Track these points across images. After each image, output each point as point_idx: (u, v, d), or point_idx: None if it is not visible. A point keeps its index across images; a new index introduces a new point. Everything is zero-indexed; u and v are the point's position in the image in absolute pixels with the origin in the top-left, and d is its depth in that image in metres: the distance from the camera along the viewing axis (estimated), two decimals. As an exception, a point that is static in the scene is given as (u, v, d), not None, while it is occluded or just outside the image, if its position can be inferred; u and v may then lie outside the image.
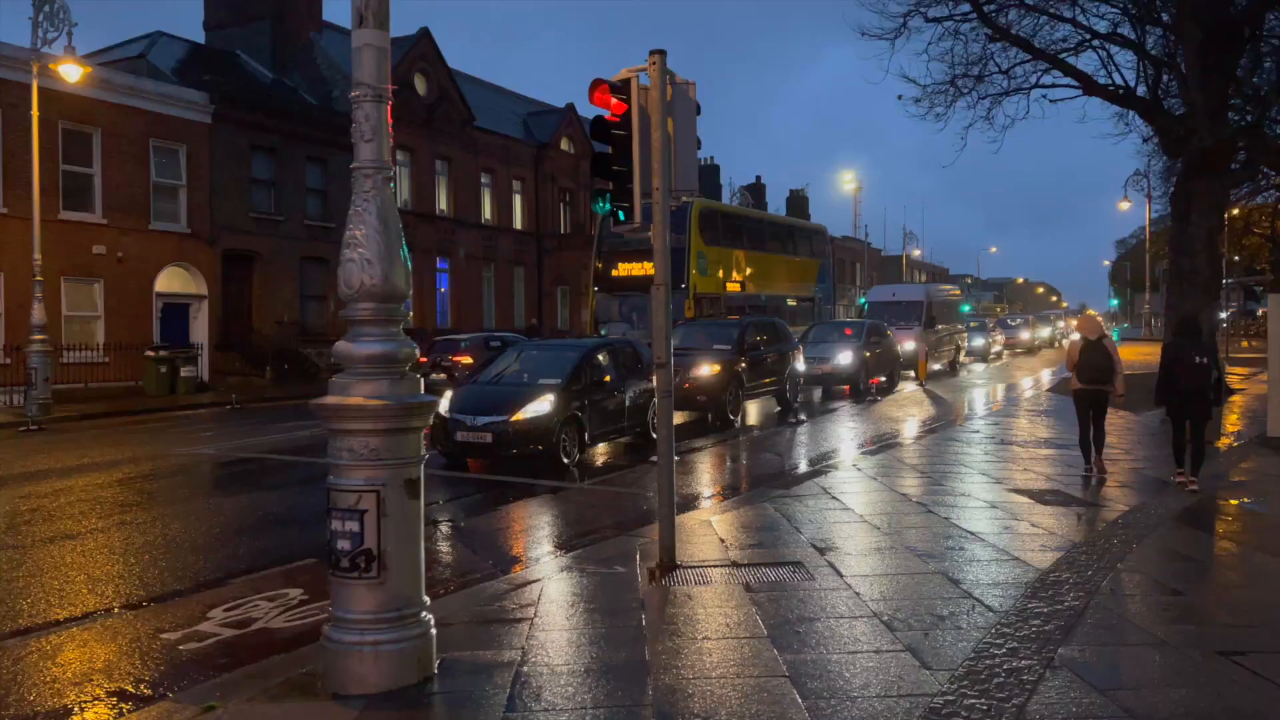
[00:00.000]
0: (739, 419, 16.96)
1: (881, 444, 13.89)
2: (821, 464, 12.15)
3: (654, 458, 12.26)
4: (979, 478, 10.64)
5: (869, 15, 38.74)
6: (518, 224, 42.64)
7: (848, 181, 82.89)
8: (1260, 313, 60.13)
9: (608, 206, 6.91)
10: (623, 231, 7.05)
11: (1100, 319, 12.53)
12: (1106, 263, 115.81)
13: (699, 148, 7.16)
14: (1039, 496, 9.43)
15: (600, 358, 13.44)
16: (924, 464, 11.63)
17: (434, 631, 4.74)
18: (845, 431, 16.03)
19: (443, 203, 38.33)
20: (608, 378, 13.21)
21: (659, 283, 6.80)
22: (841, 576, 6.41)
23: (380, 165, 4.71)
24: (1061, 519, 8.40)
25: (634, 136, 6.81)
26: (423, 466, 4.70)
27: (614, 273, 24.83)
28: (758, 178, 71.91)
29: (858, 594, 5.98)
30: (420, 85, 36.66)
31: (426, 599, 4.73)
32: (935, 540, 7.51)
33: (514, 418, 11.65)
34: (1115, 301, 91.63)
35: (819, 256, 34.71)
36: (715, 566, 6.80)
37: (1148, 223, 49.99)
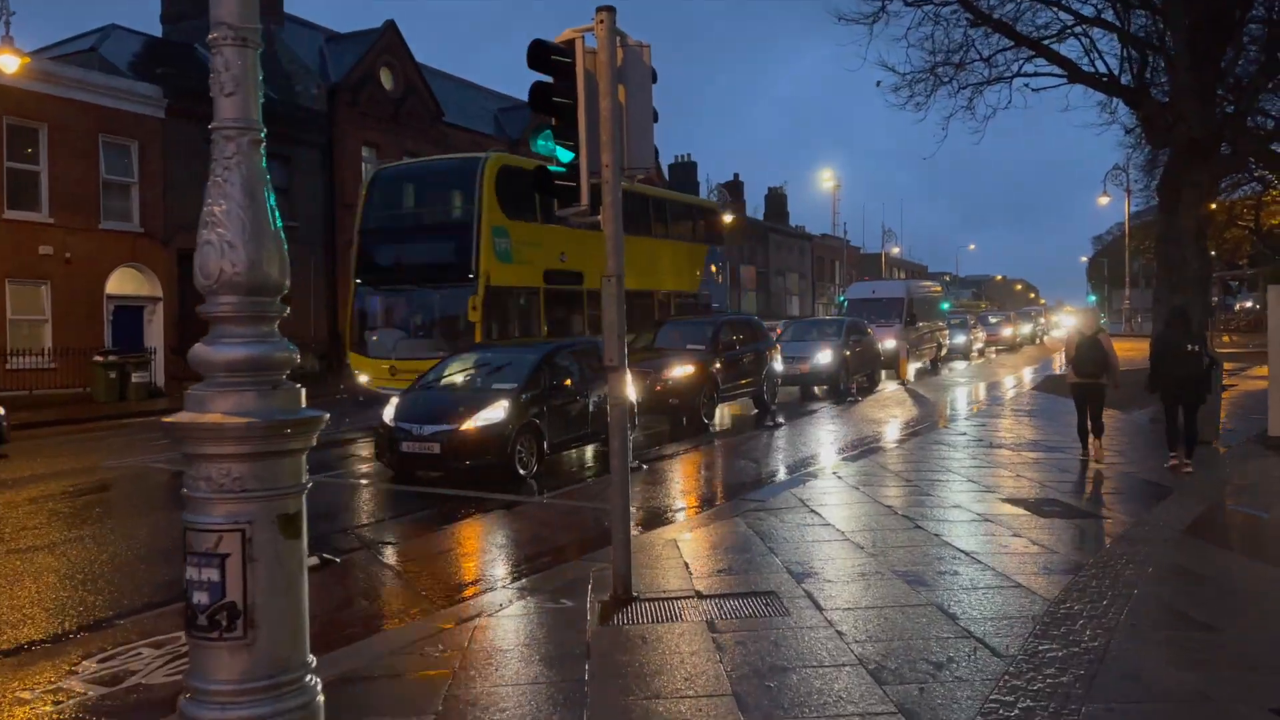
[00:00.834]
0: (714, 422, 16.12)
1: (863, 449, 13.09)
2: (800, 471, 11.33)
3: None
4: (968, 486, 9.84)
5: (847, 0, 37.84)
6: (489, 222, 41.64)
7: (827, 179, 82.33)
8: (1238, 307, 60.12)
9: (551, 144, 6.03)
10: (569, 215, 6.17)
11: (1098, 315, 12.49)
12: (1084, 259, 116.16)
13: (656, 120, 6.29)
14: (1035, 507, 8.64)
15: (562, 359, 12.46)
16: (909, 471, 10.82)
17: (321, 699, 3.84)
18: (825, 435, 15.23)
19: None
20: (569, 381, 12.23)
21: (611, 273, 5.94)
22: (821, 610, 5.56)
23: (246, 125, 3.83)
24: (1062, 534, 7.60)
25: (579, 106, 5.95)
26: (304, 497, 3.80)
27: (382, 261, 18.61)
28: (735, 175, 71.27)
29: (840, 633, 5.14)
30: (386, 79, 35.62)
31: (311, 659, 3.83)
32: (926, 562, 6.69)
33: (464, 426, 10.66)
34: (1093, 298, 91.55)
35: (707, 243, 26.71)
36: (677, 598, 5.94)
37: (1126, 217, 49.62)
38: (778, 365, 19.02)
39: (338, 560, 7.42)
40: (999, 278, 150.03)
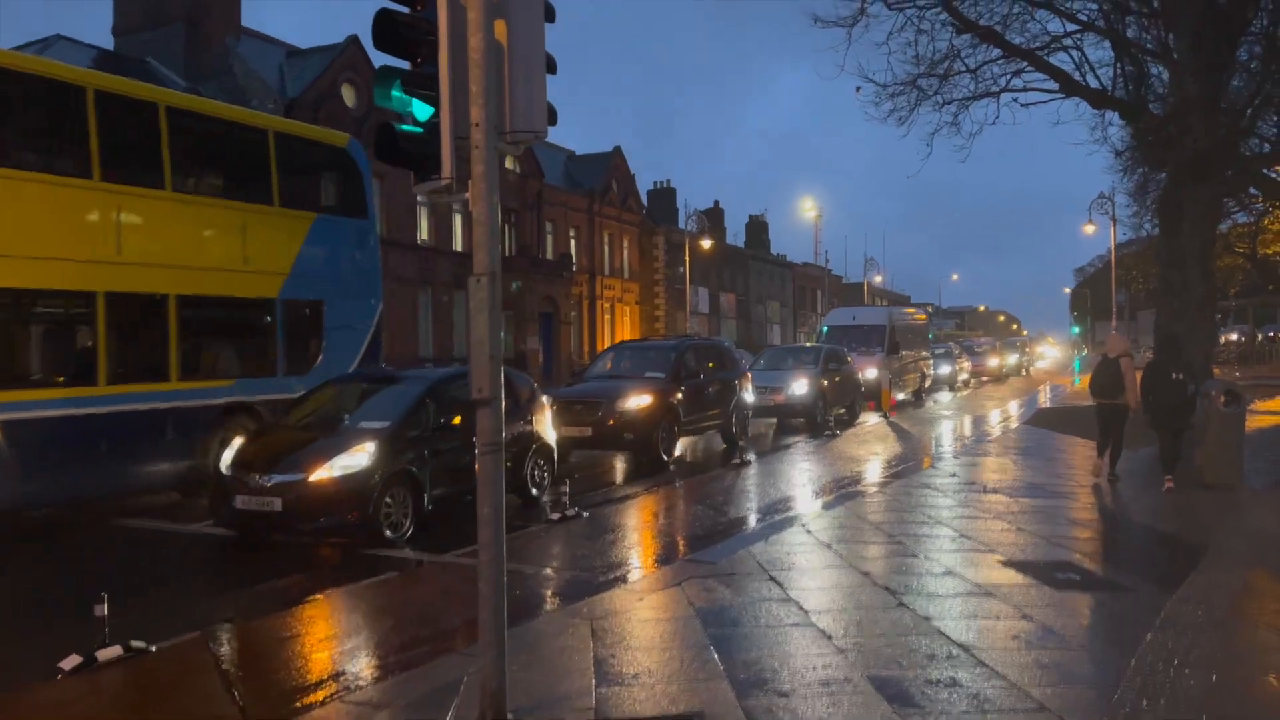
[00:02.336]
0: (674, 459, 14.47)
1: (840, 493, 11.47)
2: (765, 522, 9.69)
3: (546, 518, 9.81)
4: (961, 543, 8.22)
5: (823, 0, 36.55)
6: (458, 245, 40.09)
7: (808, 208, 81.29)
8: (1224, 339, 59.10)
9: (404, 96, 4.47)
10: (426, 190, 4.56)
11: (1126, 340, 12.38)
12: (1066, 290, 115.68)
13: (552, 71, 4.72)
14: (1044, 574, 7.03)
15: (456, 391, 9.86)
16: (891, 523, 9.20)
17: None
18: (798, 475, 13.60)
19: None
20: (459, 419, 9.58)
21: (482, 271, 4.33)
22: (766, 752, 3.91)
23: None
24: (1085, 616, 6.00)
25: (441, 43, 4.37)
26: None
27: None
28: (715, 202, 70.10)
29: (788, 798, 3.49)
30: (349, 96, 34.14)
31: None
32: (912, 663, 5.05)
33: (314, 476, 8.41)
34: (1076, 329, 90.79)
35: (327, 210, 13.97)
36: (569, 724, 4.27)
37: (1113, 246, 48.54)
38: (748, 396, 17.34)
39: (152, 649, 5.71)
40: (982, 308, 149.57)
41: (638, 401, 13.91)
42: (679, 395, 14.72)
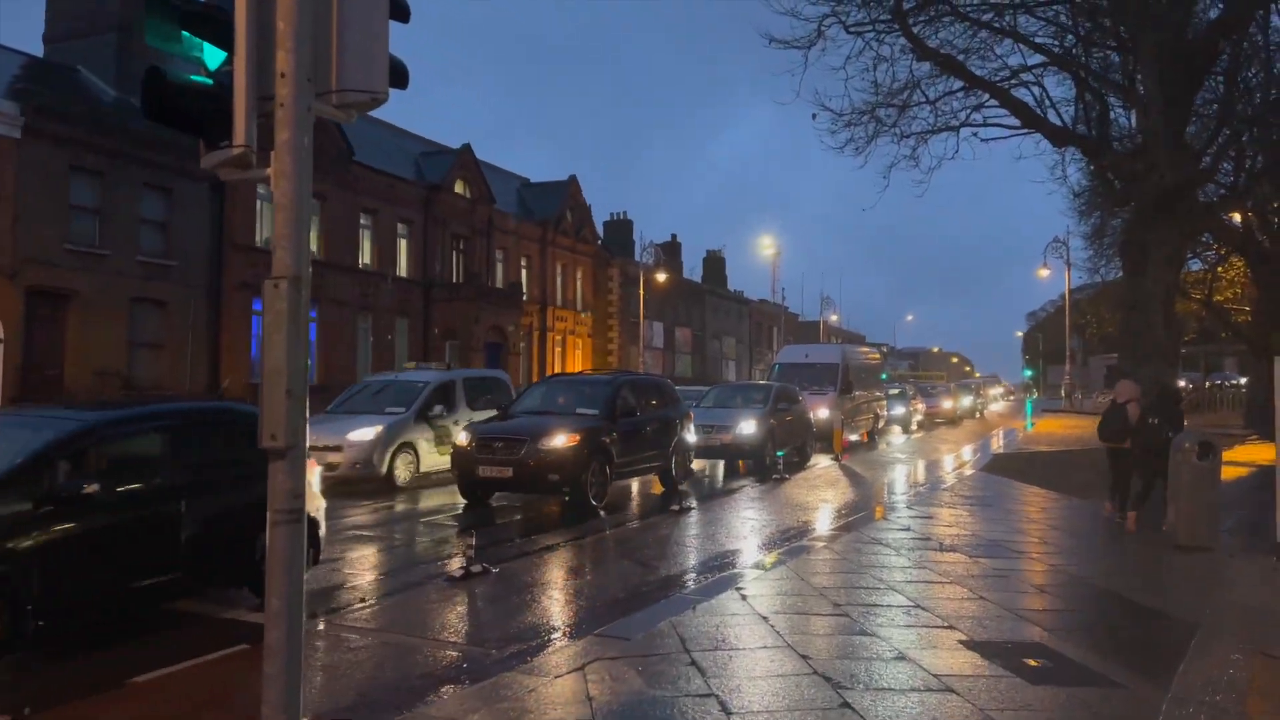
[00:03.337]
0: (605, 505, 13.27)
1: (785, 547, 10.38)
2: (698, 585, 8.56)
3: (448, 574, 8.29)
4: (916, 616, 7.14)
5: (779, 20, 36.01)
6: (402, 270, 38.75)
7: (767, 246, 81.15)
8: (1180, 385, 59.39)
9: (192, 40, 3.37)
10: (217, 164, 3.42)
11: (1136, 386, 12.32)
12: (1019, 334, 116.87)
13: (404, 18, 3.62)
14: (1013, 660, 5.96)
15: (121, 444, 6.89)
16: (838, 588, 8.10)
17: None
18: (741, 526, 12.48)
19: (313, 243, 34.17)
20: (143, 481, 6.78)
21: (281, 273, 3.18)
22: None
23: None
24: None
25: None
26: None
27: None
28: (673, 236, 69.50)
29: None
30: (290, 112, 32.80)
31: None
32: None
33: None
34: (1029, 372, 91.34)
35: None
36: None
37: (1067, 290, 48.60)
38: (690, 436, 16.24)
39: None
40: (935, 349, 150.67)
41: (565, 440, 12.76)
42: (613, 434, 13.61)
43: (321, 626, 7.04)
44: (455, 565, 8.72)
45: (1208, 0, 17.98)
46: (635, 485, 15.89)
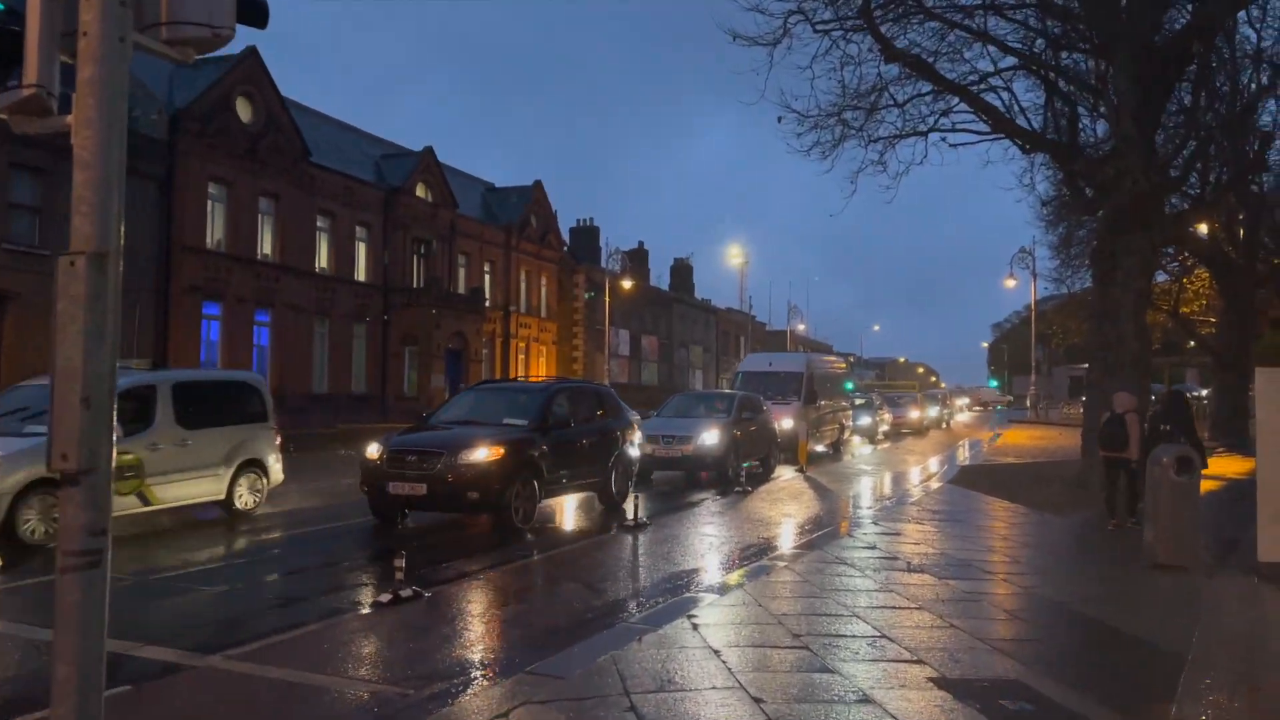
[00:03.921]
0: (531, 527, 11.95)
1: (744, 568, 9.75)
2: (646, 612, 7.89)
3: (375, 599, 7.02)
4: (883, 648, 6.52)
5: (745, 18, 35.29)
6: (361, 275, 37.84)
7: (735, 255, 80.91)
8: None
9: None
10: (4, 106, 2.71)
11: (1134, 398, 12.43)
12: (985, 344, 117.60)
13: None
14: (988, 700, 5.37)
15: None
16: (799, 616, 7.47)
17: None
18: (699, 543, 11.83)
19: (266, 246, 33.27)
20: None
21: (81, 248, 2.48)
22: None
23: None
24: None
25: None
26: None
27: None
28: (640, 243, 69.02)
29: None
30: (244, 110, 31.90)
31: None
32: None
33: None
34: (994, 382, 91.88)
35: None
36: None
37: (1033, 301, 48.60)
38: (634, 450, 15.03)
39: None
40: (902, 360, 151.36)
41: (487, 453, 11.50)
42: (543, 447, 12.39)
43: (217, 664, 6.29)
44: (381, 591, 7.98)
45: (1177, 8, 17.72)
46: (587, 502, 15.15)
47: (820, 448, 26.18)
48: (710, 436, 18.08)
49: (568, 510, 14.23)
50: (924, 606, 7.83)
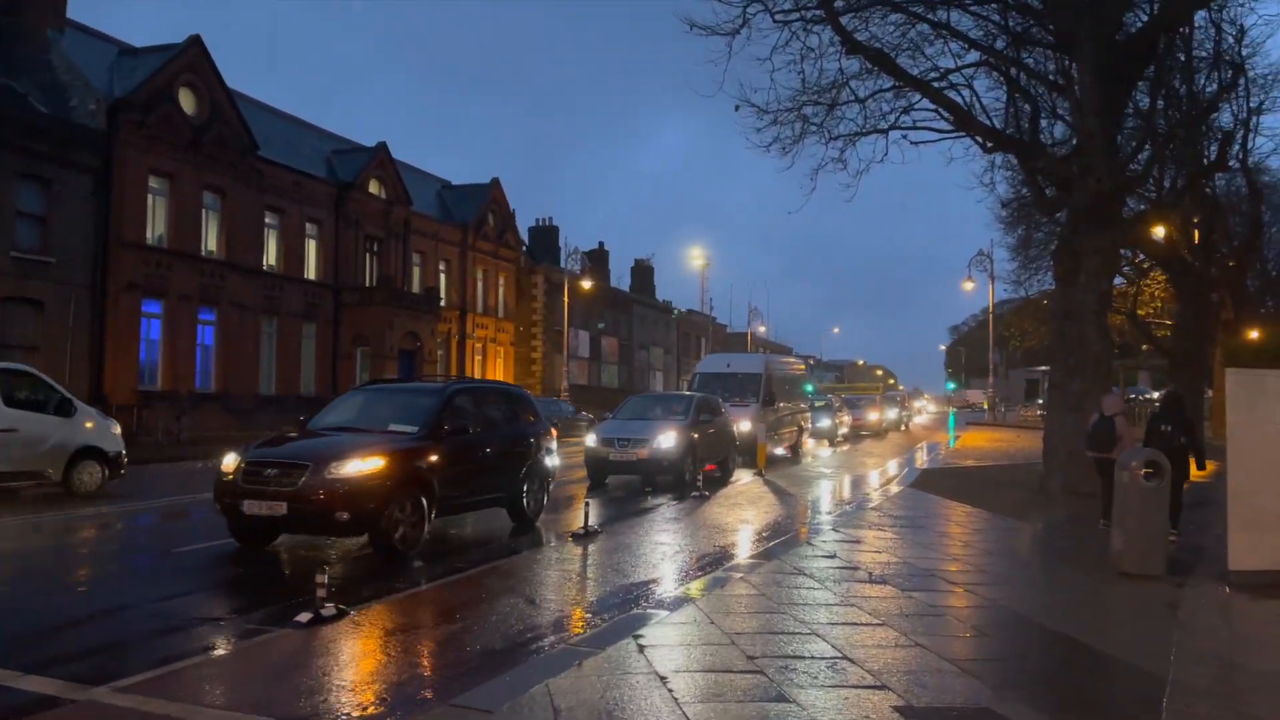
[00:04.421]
0: (418, 551, 10.27)
1: (697, 579, 9.22)
2: (589, 632, 7.31)
3: (293, 620, 6.14)
4: (844, 672, 6.02)
5: (701, 6, 34.67)
6: (311, 273, 36.86)
7: (696, 257, 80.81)
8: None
9: None
10: None
11: (1122, 399, 12.73)
12: (942, 347, 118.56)
13: None
14: (962, 734, 4.87)
15: None
16: (754, 635, 6.95)
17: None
18: (651, 552, 11.27)
19: (211, 242, 32.23)
20: None
21: None
22: None
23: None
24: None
25: None
26: None
27: None
28: (600, 243, 68.36)
29: None
30: (187, 102, 30.84)
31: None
32: None
33: None
34: (952, 385, 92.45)
35: None
36: None
37: (991, 304, 48.84)
38: (550, 460, 13.29)
39: None
40: (860, 362, 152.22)
41: (361, 466, 9.72)
42: (432, 458, 10.64)
43: (96, 696, 5.61)
44: (299, 610, 7.32)
45: (1140, 7, 17.55)
46: (487, 522, 14.47)
47: (779, 450, 25.80)
48: (667, 440, 17.57)
49: (473, 528, 13.61)
50: (886, 622, 7.35)
